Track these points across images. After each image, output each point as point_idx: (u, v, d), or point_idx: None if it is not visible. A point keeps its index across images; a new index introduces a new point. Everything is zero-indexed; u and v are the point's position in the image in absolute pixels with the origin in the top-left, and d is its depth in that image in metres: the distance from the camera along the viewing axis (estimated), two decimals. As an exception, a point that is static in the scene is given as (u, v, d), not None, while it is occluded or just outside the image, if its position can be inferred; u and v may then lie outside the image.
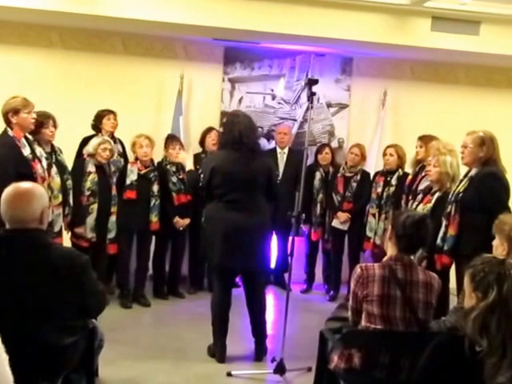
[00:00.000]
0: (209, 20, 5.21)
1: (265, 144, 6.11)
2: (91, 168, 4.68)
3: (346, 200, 5.51)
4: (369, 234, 5.32)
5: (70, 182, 4.41)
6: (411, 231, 2.74)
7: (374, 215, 5.31)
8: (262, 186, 3.85)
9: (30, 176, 3.59)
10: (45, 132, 4.25)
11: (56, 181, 4.17)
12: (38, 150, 3.99)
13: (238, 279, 4.76)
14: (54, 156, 4.29)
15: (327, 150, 5.76)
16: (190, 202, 5.24)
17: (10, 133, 3.74)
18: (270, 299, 5.26)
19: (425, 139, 4.84)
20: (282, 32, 5.33)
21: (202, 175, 4.08)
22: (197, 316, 4.72)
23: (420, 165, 4.81)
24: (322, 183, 5.68)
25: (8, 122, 3.77)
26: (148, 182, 5.00)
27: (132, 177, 4.96)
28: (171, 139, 5.31)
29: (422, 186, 4.51)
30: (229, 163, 3.79)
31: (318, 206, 5.66)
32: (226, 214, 3.78)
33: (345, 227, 5.53)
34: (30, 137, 3.96)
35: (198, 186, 4.55)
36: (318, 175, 5.69)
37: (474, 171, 3.81)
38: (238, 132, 3.77)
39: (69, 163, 4.60)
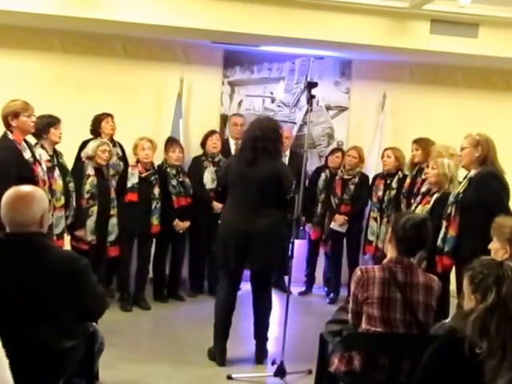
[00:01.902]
0: (208, 23, 5.22)
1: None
2: (90, 171, 4.69)
3: (344, 202, 5.53)
4: (370, 237, 5.32)
5: (72, 185, 4.41)
6: (411, 233, 2.75)
7: (375, 219, 5.31)
8: (272, 189, 3.82)
9: (32, 179, 3.58)
10: (54, 132, 4.24)
11: (59, 183, 4.18)
12: (38, 153, 3.99)
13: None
14: (56, 159, 4.29)
15: (338, 154, 5.77)
16: (189, 204, 5.24)
17: (10, 136, 3.73)
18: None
19: (420, 142, 4.86)
20: (282, 35, 5.33)
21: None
22: (197, 319, 4.73)
23: (417, 167, 4.83)
24: (325, 184, 5.71)
25: (8, 126, 3.76)
26: (149, 184, 5.01)
27: (133, 180, 4.96)
28: (171, 142, 5.32)
29: (423, 189, 4.51)
30: (240, 165, 3.85)
31: (319, 205, 5.69)
32: (235, 214, 3.82)
33: (343, 229, 5.54)
34: (29, 140, 3.96)
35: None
36: (323, 176, 5.73)
37: (473, 172, 3.84)
38: (253, 135, 3.82)
39: (69, 167, 4.58)
